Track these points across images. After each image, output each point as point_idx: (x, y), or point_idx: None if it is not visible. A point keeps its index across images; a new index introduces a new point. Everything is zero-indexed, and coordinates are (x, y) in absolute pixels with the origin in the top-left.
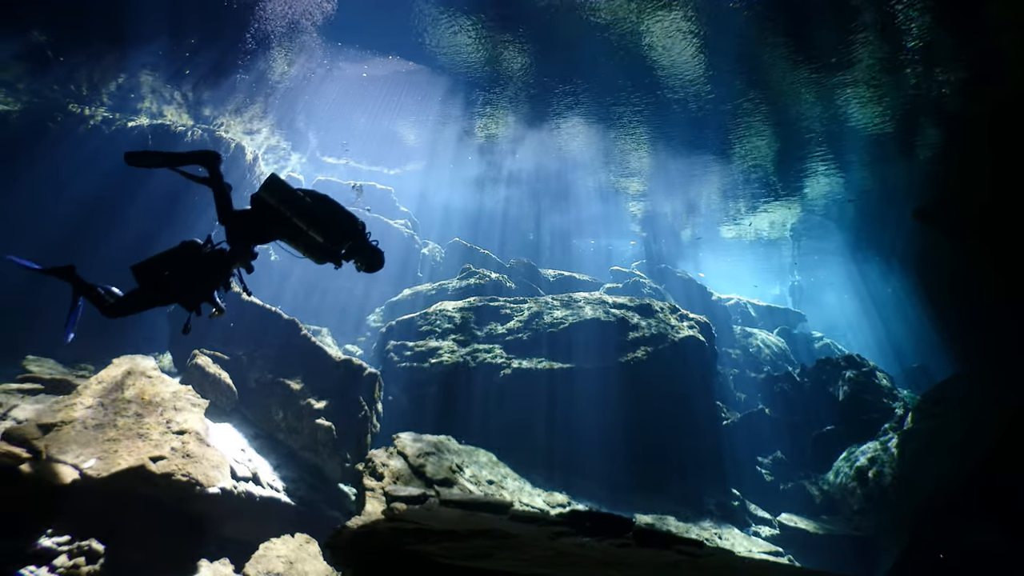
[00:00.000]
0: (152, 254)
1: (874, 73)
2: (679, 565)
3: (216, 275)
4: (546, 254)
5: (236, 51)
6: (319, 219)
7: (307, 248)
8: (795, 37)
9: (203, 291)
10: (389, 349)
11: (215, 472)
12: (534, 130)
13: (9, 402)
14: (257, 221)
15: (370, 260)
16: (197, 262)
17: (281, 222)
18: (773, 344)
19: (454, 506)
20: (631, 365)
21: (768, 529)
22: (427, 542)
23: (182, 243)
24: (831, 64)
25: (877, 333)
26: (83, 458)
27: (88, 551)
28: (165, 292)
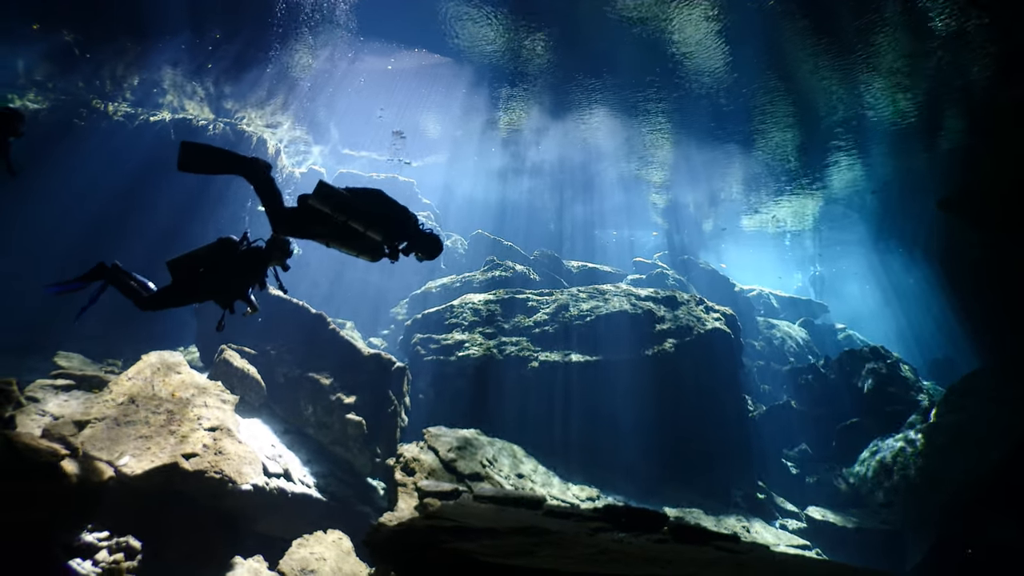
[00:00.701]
0: (187, 250)
1: (899, 62)
2: (720, 562)
3: (251, 273)
4: (567, 244)
5: (259, 44)
6: (376, 218)
7: (362, 249)
8: (819, 26)
9: (238, 289)
10: (415, 342)
11: (247, 469)
12: (558, 121)
13: (45, 398)
14: (309, 225)
15: (430, 248)
16: (233, 259)
17: (334, 226)
18: (797, 335)
19: (487, 501)
20: (658, 358)
21: (795, 522)
22: (466, 540)
23: (218, 240)
24: (855, 53)
25: (899, 324)
26: (118, 455)
27: (126, 547)
28: (200, 288)
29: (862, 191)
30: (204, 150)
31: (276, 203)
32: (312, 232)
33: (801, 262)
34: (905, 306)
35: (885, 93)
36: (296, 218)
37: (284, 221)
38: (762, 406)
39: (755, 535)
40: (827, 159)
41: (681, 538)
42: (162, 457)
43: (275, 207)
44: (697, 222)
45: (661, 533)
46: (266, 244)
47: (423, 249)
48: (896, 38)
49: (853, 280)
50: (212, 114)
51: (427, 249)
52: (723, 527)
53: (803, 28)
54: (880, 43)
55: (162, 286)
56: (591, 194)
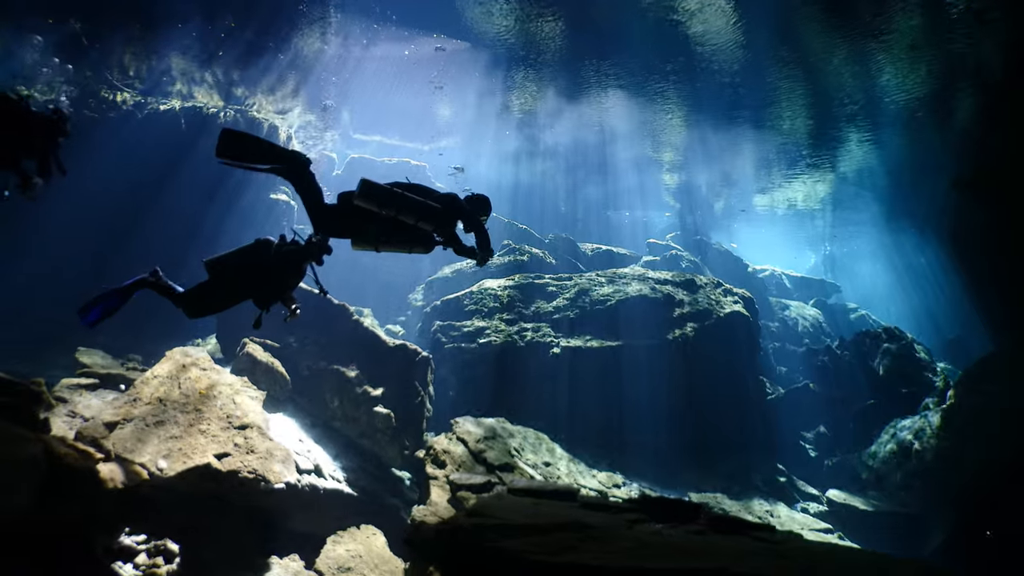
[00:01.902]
0: (207, 242)
1: (914, 39)
2: (760, 553)
3: (290, 274)
4: (579, 226)
5: (272, 31)
6: (425, 206)
7: (414, 242)
8: (835, 5)
9: (277, 289)
10: (435, 329)
11: (280, 467)
12: (571, 104)
13: (72, 398)
14: (354, 223)
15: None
16: (271, 260)
17: (382, 222)
18: (810, 316)
19: (522, 494)
20: (679, 342)
21: (816, 505)
22: (511, 537)
23: (256, 241)
24: (869, 30)
25: (912, 304)
26: (149, 457)
27: (165, 550)
28: (238, 289)
29: (874, 170)
30: (245, 139)
31: (317, 200)
32: (359, 230)
33: (813, 241)
34: (917, 286)
35: (899, 72)
36: (339, 216)
37: (326, 218)
38: (780, 388)
39: (778, 519)
40: (839, 139)
41: (718, 529)
42: (194, 458)
43: (316, 204)
44: (709, 202)
45: (697, 523)
46: (304, 244)
47: (480, 212)
48: (912, 16)
49: (864, 260)
50: (222, 101)
51: (482, 211)
52: (747, 512)
53: (819, 8)
54: (896, 21)
55: (197, 284)
56: (603, 175)
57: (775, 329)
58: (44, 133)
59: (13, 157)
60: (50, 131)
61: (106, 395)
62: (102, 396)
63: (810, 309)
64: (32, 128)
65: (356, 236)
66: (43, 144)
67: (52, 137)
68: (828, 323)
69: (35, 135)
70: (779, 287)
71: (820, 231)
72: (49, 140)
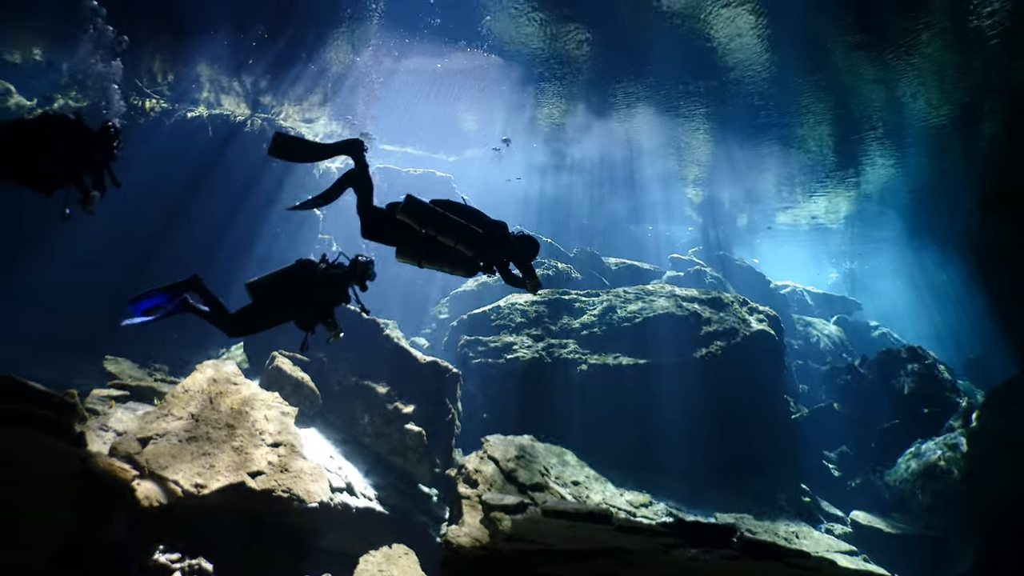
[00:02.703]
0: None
1: (941, 57)
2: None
3: (333, 295)
4: (599, 239)
5: (302, 41)
6: (465, 230)
7: (455, 264)
8: (859, 21)
9: (320, 311)
10: (463, 344)
11: (314, 486)
12: (598, 119)
13: (104, 410)
14: (395, 234)
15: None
16: (313, 281)
17: (422, 240)
18: (832, 334)
19: (557, 516)
20: (706, 360)
21: (840, 527)
22: (553, 564)
23: (297, 261)
24: (895, 49)
25: (933, 322)
26: (183, 474)
27: (199, 570)
28: (281, 311)
29: (897, 188)
30: (294, 141)
31: (367, 201)
32: (401, 242)
33: (834, 258)
34: (939, 304)
35: (925, 91)
36: (384, 223)
37: (373, 222)
38: (803, 408)
39: (804, 541)
40: (863, 157)
41: (753, 555)
42: (228, 476)
43: (366, 205)
44: (732, 218)
45: (731, 548)
46: (348, 267)
47: (524, 253)
48: (940, 36)
49: (885, 277)
50: (249, 109)
51: (530, 252)
52: (773, 533)
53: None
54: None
55: (240, 307)
56: (628, 189)
57: (798, 347)
58: (100, 148)
59: (75, 175)
60: (105, 146)
61: (137, 408)
62: (133, 409)
63: (832, 327)
64: (90, 144)
65: (398, 247)
66: (99, 159)
67: (107, 151)
68: (850, 341)
69: (92, 151)
70: (800, 304)
71: (841, 247)
72: (105, 154)
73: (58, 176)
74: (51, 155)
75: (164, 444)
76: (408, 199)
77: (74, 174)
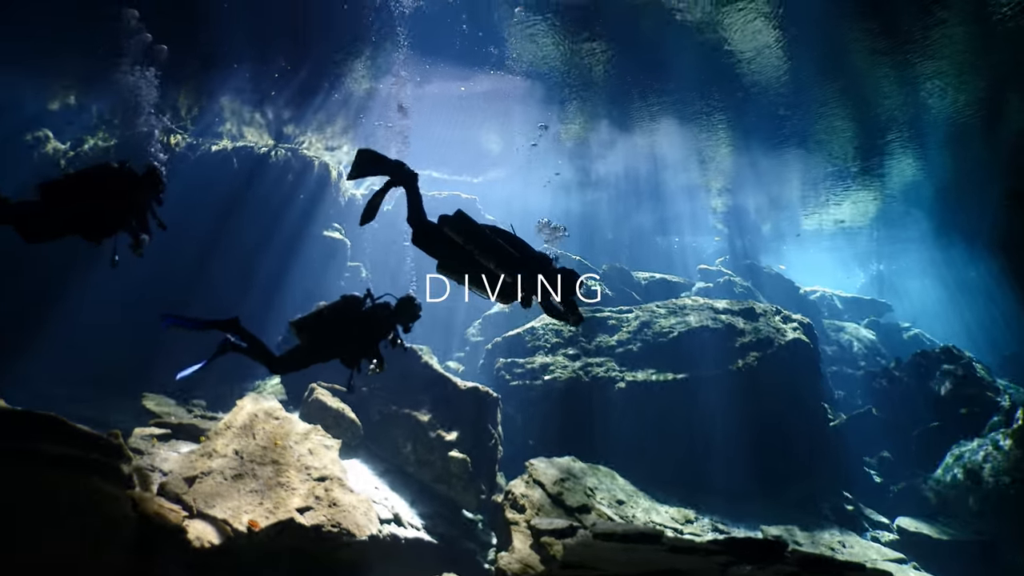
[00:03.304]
0: (312, 310)
1: (964, 55)
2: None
3: (378, 331)
4: (625, 253)
5: (325, 71)
6: (507, 256)
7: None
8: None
9: (365, 347)
10: (499, 367)
11: (363, 520)
12: (622, 133)
13: (148, 449)
14: (442, 248)
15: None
16: (358, 318)
17: (464, 259)
18: (864, 338)
19: (608, 539)
20: (743, 372)
21: (886, 534)
22: None
23: (342, 297)
24: (916, 47)
25: (965, 320)
26: (232, 512)
27: None
28: (326, 349)
29: (922, 186)
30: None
31: (418, 213)
32: (444, 257)
33: (861, 260)
34: (970, 301)
35: (948, 87)
36: (431, 237)
37: (421, 234)
38: (841, 414)
39: (852, 550)
40: (887, 158)
41: (808, 569)
42: (276, 513)
43: (417, 218)
44: (757, 226)
45: (786, 564)
46: (395, 306)
47: (565, 287)
48: (962, 33)
49: (913, 277)
50: (272, 140)
51: (568, 286)
52: (820, 543)
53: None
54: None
55: (287, 346)
56: (652, 202)
57: (831, 353)
58: (146, 192)
59: (125, 220)
60: (151, 189)
61: (180, 446)
62: (176, 447)
63: (864, 330)
64: (136, 189)
65: (441, 261)
66: (145, 202)
67: (153, 194)
68: (883, 343)
69: (139, 195)
70: (830, 308)
71: (868, 249)
72: (150, 197)
73: (110, 224)
74: (103, 205)
75: (210, 482)
76: (457, 214)
77: (124, 220)
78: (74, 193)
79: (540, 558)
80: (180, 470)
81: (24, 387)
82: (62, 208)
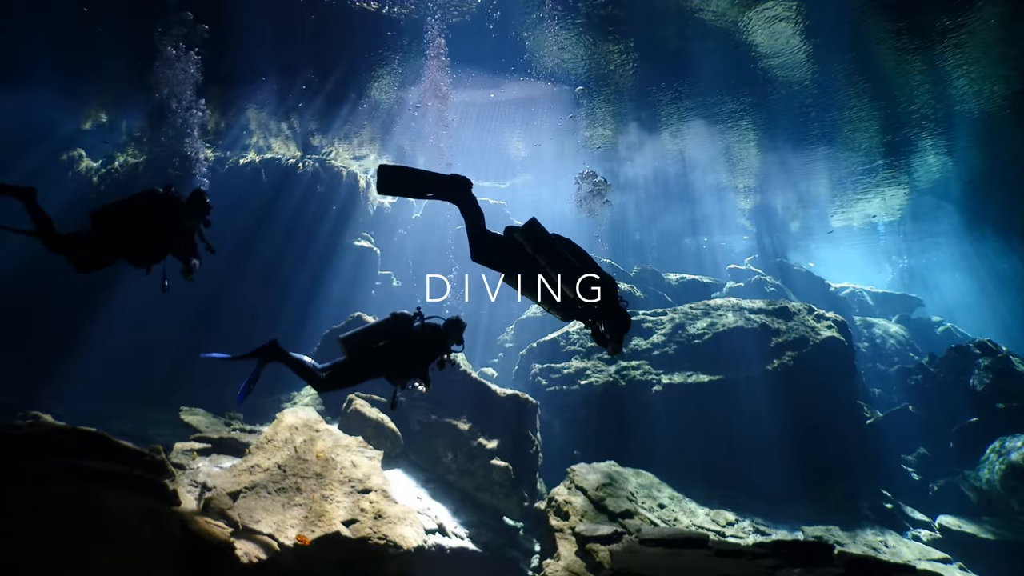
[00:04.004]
0: (361, 326)
1: (995, 47)
2: None
3: (428, 350)
4: (653, 254)
5: (351, 82)
6: (575, 272)
7: (552, 303)
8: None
9: (415, 366)
10: (535, 373)
11: (409, 530)
12: (650, 135)
13: (189, 464)
14: (506, 258)
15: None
16: (408, 337)
17: (531, 268)
18: (897, 334)
19: (654, 544)
20: (778, 372)
21: (927, 532)
22: None
23: (392, 315)
24: (943, 37)
25: (998, 312)
26: (277, 527)
27: None
28: (374, 367)
29: (952, 180)
30: (402, 172)
31: (479, 226)
32: (508, 266)
33: (890, 255)
34: (1003, 292)
35: (976, 75)
36: (496, 247)
37: (483, 246)
38: (877, 412)
39: (894, 549)
40: (916, 153)
41: (858, 571)
42: (322, 526)
43: (478, 230)
44: (785, 223)
45: (835, 566)
46: (444, 325)
47: (610, 324)
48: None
49: (943, 270)
50: (299, 151)
51: (615, 326)
52: (861, 543)
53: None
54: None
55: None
56: (681, 203)
57: (864, 350)
58: (192, 216)
59: (174, 246)
60: (197, 213)
61: (222, 461)
62: (217, 462)
63: (896, 326)
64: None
65: (506, 273)
66: (192, 226)
67: (200, 218)
68: (915, 339)
69: (186, 220)
70: (861, 304)
71: (897, 244)
72: (197, 221)
73: (158, 250)
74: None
75: (254, 497)
76: (531, 221)
77: (173, 245)
78: (121, 220)
79: (586, 565)
80: (224, 485)
81: (64, 403)
82: (110, 236)
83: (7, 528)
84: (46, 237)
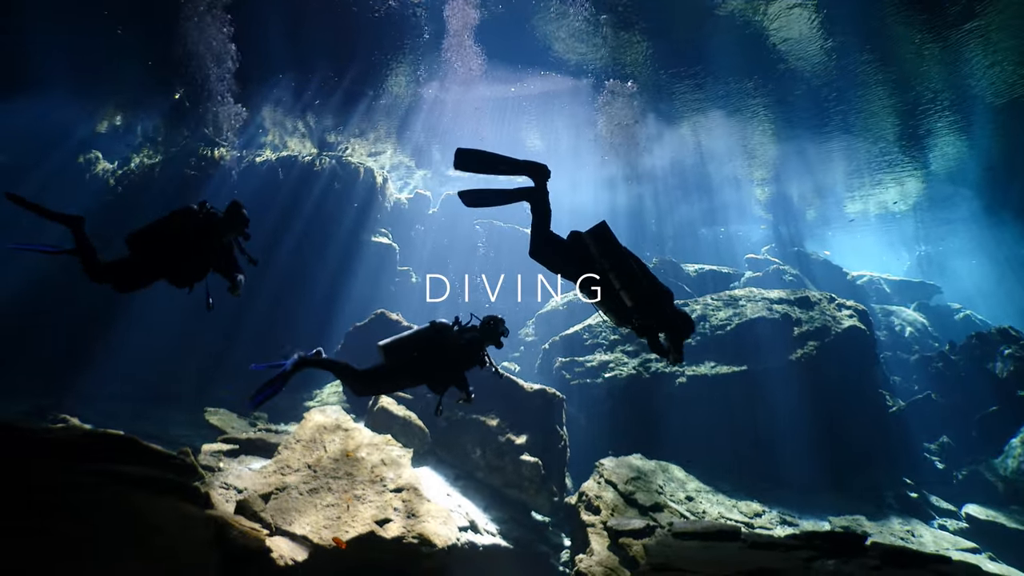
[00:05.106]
0: (401, 334)
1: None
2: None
3: (467, 358)
4: (669, 244)
5: (368, 79)
6: (636, 281)
7: (609, 307)
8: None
9: (454, 374)
10: (558, 366)
11: (443, 528)
12: (669, 126)
13: (219, 466)
14: (568, 257)
15: (676, 335)
16: (448, 344)
17: (591, 270)
18: (915, 321)
19: (687, 538)
20: (801, 362)
21: (953, 522)
22: None
23: (431, 323)
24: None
25: (1015, 299)
26: (310, 528)
27: None
28: (413, 374)
29: (970, 167)
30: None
31: (544, 224)
32: (568, 268)
33: (906, 243)
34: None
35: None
36: (558, 249)
37: (544, 245)
38: (900, 400)
39: (922, 539)
40: (933, 140)
41: (895, 563)
42: (356, 527)
43: (543, 229)
44: (801, 212)
45: (869, 557)
46: (480, 328)
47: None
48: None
49: (960, 257)
50: (315, 148)
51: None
52: (888, 532)
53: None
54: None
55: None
56: (698, 193)
57: (883, 338)
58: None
59: (215, 262)
60: (234, 227)
61: (250, 462)
62: (246, 463)
63: (914, 314)
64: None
65: (563, 273)
66: (231, 241)
67: (239, 232)
68: (934, 326)
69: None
70: (879, 293)
71: (914, 231)
72: (235, 235)
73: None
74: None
75: (286, 498)
76: (602, 224)
77: (213, 262)
78: (158, 243)
79: (619, 559)
80: (255, 487)
81: (89, 406)
82: (149, 257)
83: (47, 527)
84: (90, 269)
